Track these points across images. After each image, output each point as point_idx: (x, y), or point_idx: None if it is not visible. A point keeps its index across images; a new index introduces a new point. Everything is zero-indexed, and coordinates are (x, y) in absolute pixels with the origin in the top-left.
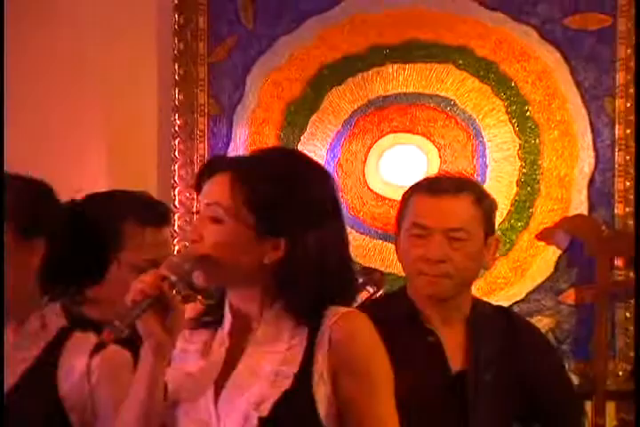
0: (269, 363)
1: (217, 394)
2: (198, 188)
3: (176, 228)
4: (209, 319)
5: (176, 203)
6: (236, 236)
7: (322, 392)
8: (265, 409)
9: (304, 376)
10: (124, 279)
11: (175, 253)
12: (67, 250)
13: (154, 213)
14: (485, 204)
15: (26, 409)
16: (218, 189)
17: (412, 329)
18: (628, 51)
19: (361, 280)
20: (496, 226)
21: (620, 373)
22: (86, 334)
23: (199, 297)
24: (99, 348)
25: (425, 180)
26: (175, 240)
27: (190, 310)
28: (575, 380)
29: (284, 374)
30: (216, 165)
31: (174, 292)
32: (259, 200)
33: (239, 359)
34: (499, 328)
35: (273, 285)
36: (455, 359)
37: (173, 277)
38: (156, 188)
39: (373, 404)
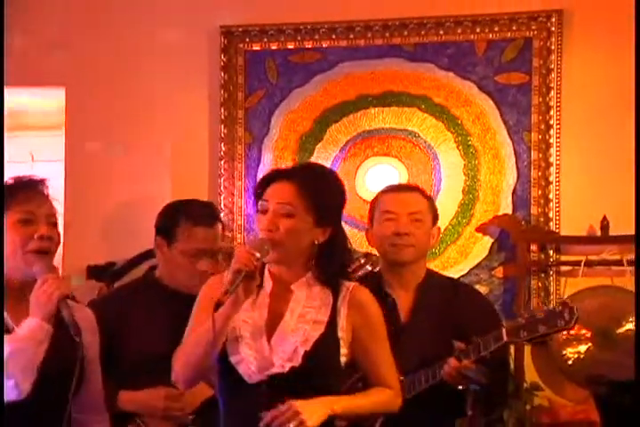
0: (308, 314)
1: (269, 334)
2: (260, 190)
3: None
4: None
5: (222, 206)
6: (302, 225)
7: (343, 336)
8: (308, 345)
9: (332, 324)
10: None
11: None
12: None
13: (202, 214)
14: (430, 199)
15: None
16: (288, 192)
17: (379, 294)
18: (540, 99)
19: (362, 261)
20: (446, 222)
21: None
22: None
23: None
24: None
25: (387, 186)
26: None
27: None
28: None
29: (319, 322)
30: (276, 175)
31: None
32: (318, 202)
33: (284, 312)
34: (445, 290)
35: (312, 260)
36: (405, 314)
37: (258, 255)
38: (207, 195)
39: (382, 349)
